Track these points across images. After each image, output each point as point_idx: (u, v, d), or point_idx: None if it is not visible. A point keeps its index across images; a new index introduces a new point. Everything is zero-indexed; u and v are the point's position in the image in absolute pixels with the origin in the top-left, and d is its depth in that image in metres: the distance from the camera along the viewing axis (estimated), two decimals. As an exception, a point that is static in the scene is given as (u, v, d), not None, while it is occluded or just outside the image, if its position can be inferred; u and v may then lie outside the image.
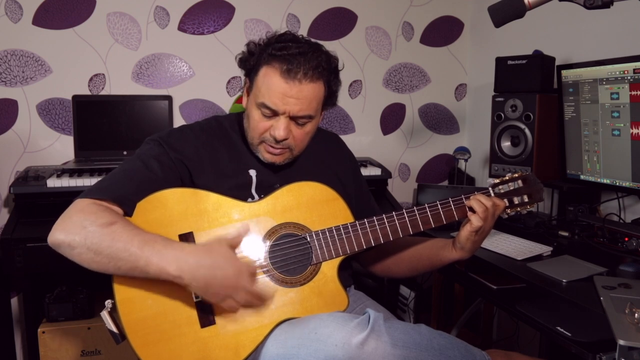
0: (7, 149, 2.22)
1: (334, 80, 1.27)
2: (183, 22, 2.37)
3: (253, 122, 1.24)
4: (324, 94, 1.24)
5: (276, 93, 1.17)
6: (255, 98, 1.22)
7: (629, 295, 1.18)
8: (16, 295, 2.24)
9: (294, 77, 1.16)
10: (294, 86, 1.17)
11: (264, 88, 1.19)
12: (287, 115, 1.20)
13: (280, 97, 1.17)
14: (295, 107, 1.19)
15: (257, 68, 1.22)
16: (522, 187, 1.30)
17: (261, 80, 1.20)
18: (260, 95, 1.20)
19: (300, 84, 1.17)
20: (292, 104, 1.18)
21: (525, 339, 2.34)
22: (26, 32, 2.19)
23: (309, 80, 1.18)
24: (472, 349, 1.14)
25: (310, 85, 1.18)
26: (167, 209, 1.17)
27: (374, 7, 2.60)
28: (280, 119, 1.20)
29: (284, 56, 1.17)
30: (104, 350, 1.96)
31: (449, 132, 2.82)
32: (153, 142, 1.26)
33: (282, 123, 1.20)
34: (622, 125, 1.64)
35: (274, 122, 1.21)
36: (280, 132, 1.20)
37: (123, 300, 1.11)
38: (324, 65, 1.21)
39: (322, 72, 1.20)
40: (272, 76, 1.18)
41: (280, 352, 1.09)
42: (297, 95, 1.17)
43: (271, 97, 1.18)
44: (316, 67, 1.18)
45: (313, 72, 1.18)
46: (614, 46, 1.89)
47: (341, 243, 1.23)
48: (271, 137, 1.22)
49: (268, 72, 1.19)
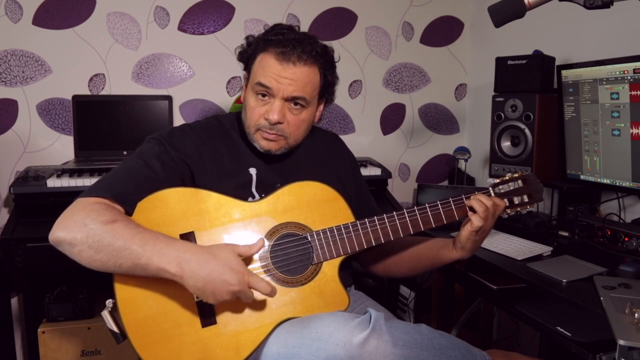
0: (7, 149, 2.22)
1: (330, 70, 1.30)
2: (183, 22, 2.37)
3: (249, 108, 1.26)
4: (319, 82, 1.27)
5: (271, 73, 1.21)
6: (251, 82, 1.25)
7: (629, 295, 1.18)
8: (16, 295, 2.24)
9: (288, 60, 1.20)
10: (287, 68, 1.20)
11: (260, 70, 1.23)
12: (282, 97, 1.22)
13: (275, 77, 1.21)
14: (289, 88, 1.21)
15: (254, 56, 1.26)
16: (522, 187, 1.31)
17: (257, 65, 1.25)
18: (256, 77, 1.24)
19: (295, 66, 1.21)
20: (286, 84, 1.21)
21: (525, 339, 2.34)
22: (26, 32, 2.19)
23: (303, 63, 1.21)
24: (472, 348, 1.14)
25: (305, 68, 1.22)
26: (168, 209, 1.17)
27: (374, 7, 2.60)
28: (274, 101, 1.23)
29: (279, 40, 1.21)
30: (104, 350, 1.96)
31: (449, 132, 2.82)
32: (154, 141, 1.26)
33: (276, 106, 1.22)
34: (622, 125, 1.64)
35: (268, 106, 1.24)
36: (274, 115, 1.22)
37: (124, 300, 1.11)
38: (319, 51, 1.25)
39: (317, 57, 1.24)
40: (268, 59, 1.22)
41: (282, 352, 1.09)
42: (291, 76, 1.21)
43: (266, 76, 1.21)
44: (310, 51, 1.22)
45: (307, 56, 1.22)
46: (614, 46, 1.89)
47: (342, 243, 1.24)
48: (266, 121, 1.24)
49: (264, 57, 1.23)
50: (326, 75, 1.28)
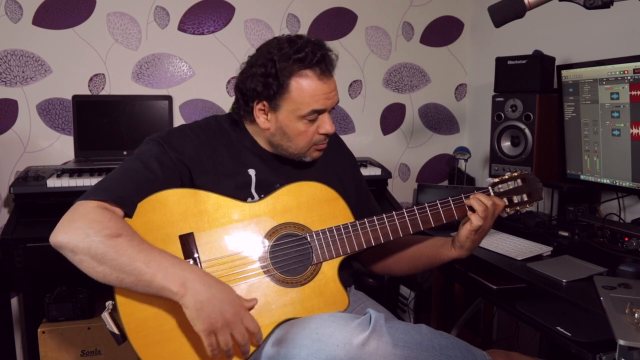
0: (7, 149, 2.22)
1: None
2: (183, 22, 2.37)
3: (298, 134, 1.26)
4: None
5: (321, 95, 1.23)
6: (298, 111, 1.23)
7: (629, 295, 1.18)
8: (16, 295, 2.24)
9: (328, 76, 1.25)
10: (329, 83, 1.25)
11: (308, 97, 1.22)
12: (329, 109, 1.27)
13: (324, 97, 1.24)
14: (335, 98, 1.28)
15: (283, 84, 1.21)
16: (521, 186, 1.31)
17: (298, 92, 1.22)
18: (305, 104, 1.22)
19: (329, 79, 1.26)
20: (333, 96, 1.27)
21: (525, 339, 2.34)
22: (26, 32, 2.19)
23: (332, 72, 1.27)
24: (472, 348, 1.14)
25: (333, 77, 1.28)
26: (167, 210, 1.17)
27: (374, 7, 2.60)
28: (324, 115, 1.27)
29: (311, 61, 1.21)
30: (104, 350, 1.96)
31: (449, 132, 2.82)
32: (153, 142, 1.26)
33: (328, 118, 1.28)
34: (622, 125, 1.64)
35: (318, 122, 1.27)
36: (331, 127, 1.28)
37: (124, 301, 1.11)
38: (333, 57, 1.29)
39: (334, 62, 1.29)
40: (310, 83, 1.22)
41: (282, 352, 1.09)
42: (333, 89, 1.27)
43: (318, 101, 1.23)
44: (331, 60, 1.27)
45: (332, 65, 1.27)
46: (614, 46, 1.89)
47: (341, 243, 1.24)
48: (321, 136, 1.28)
49: (303, 82, 1.22)
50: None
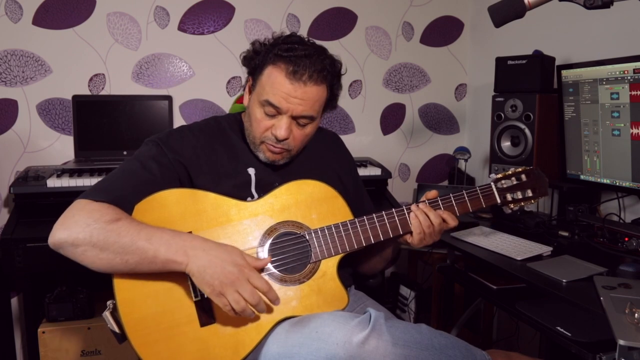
0: (7, 149, 2.22)
1: (337, 84, 1.28)
2: (183, 22, 2.37)
3: (255, 120, 1.25)
4: (326, 97, 1.26)
5: (281, 92, 1.18)
6: (259, 96, 1.22)
7: (629, 295, 1.18)
8: (16, 295, 2.24)
9: (299, 79, 1.18)
10: (298, 87, 1.18)
11: (269, 86, 1.20)
12: (290, 114, 1.21)
13: (284, 96, 1.19)
14: (298, 108, 1.20)
15: (262, 67, 1.23)
16: (525, 182, 1.30)
17: (266, 79, 1.21)
18: (264, 93, 1.21)
19: (305, 86, 1.18)
20: (296, 104, 1.19)
21: (525, 339, 2.34)
22: (26, 32, 2.19)
23: (314, 82, 1.19)
24: (472, 348, 1.14)
25: (314, 87, 1.20)
26: (166, 210, 1.17)
27: (374, 7, 2.60)
28: (282, 118, 1.21)
29: (290, 57, 1.18)
30: (104, 350, 1.96)
31: (449, 132, 2.82)
32: (152, 144, 1.26)
33: (284, 122, 1.21)
34: (622, 125, 1.64)
35: (275, 121, 1.22)
36: (281, 132, 1.21)
37: (123, 300, 1.11)
38: (329, 69, 1.23)
39: (327, 75, 1.22)
40: (278, 76, 1.19)
41: (281, 351, 1.09)
42: (301, 96, 1.19)
43: (275, 95, 1.19)
44: (321, 70, 1.20)
45: (318, 75, 1.19)
46: (614, 46, 1.89)
47: (340, 241, 1.23)
48: (272, 136, 1.23)
49: (273, 71, 1.20)
50: (333, 89, 1.28)
